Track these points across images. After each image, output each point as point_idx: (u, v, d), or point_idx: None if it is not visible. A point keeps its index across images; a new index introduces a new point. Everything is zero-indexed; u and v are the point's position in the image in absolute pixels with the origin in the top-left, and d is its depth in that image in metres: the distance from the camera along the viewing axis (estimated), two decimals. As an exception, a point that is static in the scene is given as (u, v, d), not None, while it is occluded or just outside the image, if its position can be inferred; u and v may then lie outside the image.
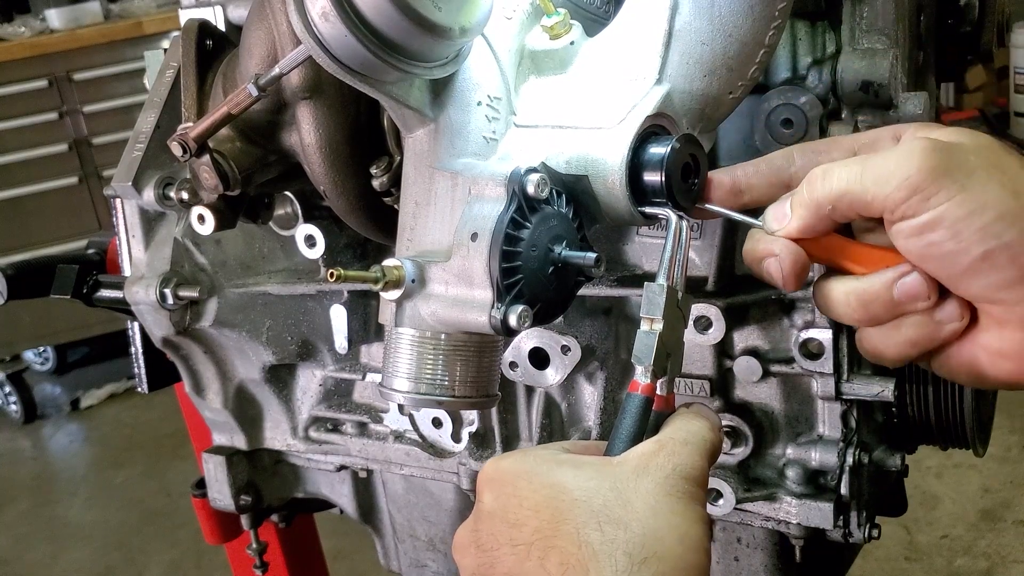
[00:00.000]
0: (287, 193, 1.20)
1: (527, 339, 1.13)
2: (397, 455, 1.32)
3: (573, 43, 0.89)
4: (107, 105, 4.30)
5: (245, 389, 1.38)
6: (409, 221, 0.85)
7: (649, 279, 0.77)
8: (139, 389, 1.44)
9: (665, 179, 0.78)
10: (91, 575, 3.48)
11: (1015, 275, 0.67)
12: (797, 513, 1.08)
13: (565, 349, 1.12)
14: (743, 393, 1.12)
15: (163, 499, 3.80)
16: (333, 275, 0.76)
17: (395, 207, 0.93)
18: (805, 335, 1.03)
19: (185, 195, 1.08)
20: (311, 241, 1.21)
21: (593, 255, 0.79)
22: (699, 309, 1.04)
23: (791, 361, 1.06)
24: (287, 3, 0.76)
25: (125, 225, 1.27)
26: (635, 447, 0.72)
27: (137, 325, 1.35)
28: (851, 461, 1.06)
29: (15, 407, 4.59)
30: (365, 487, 1.47)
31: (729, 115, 0.90)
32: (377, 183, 0.97)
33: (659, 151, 0.79)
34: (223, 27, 1.13)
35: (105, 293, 1.34)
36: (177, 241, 1.23)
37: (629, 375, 1.12)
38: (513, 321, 0.77)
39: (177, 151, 0.94)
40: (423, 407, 1.06)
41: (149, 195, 1.18)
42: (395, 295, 0.80)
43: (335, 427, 1.37)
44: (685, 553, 0.65)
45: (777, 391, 1.10)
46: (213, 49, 1.07)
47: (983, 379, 0.74)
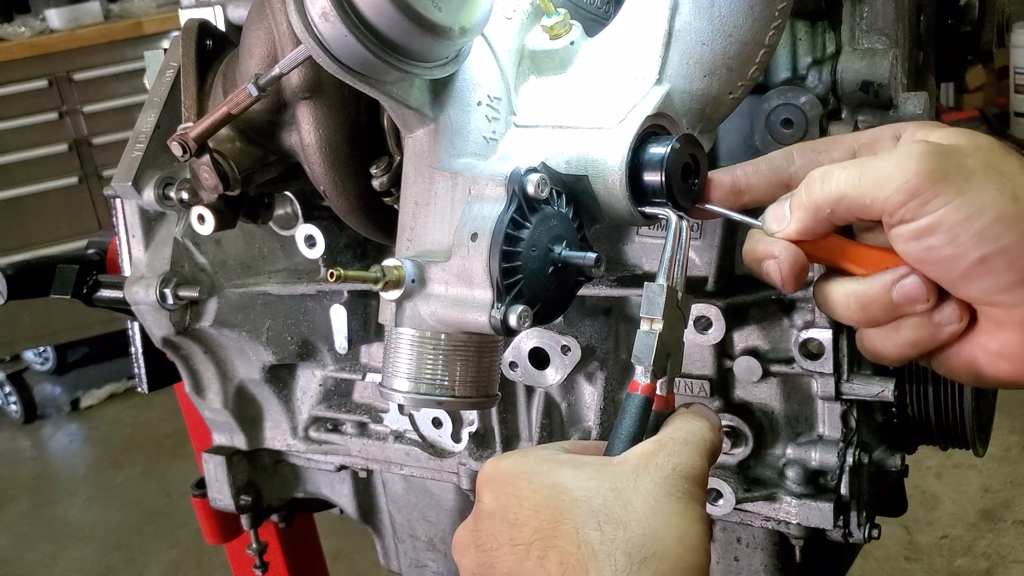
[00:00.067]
0: (287, 193, 1.20)
1: (527, 339, 1.13)
2: (397, 455, 1.32)
3: (573, 43, 0.89)
4: (107, 105, 4.30)
5: (245, 389, 1.38)
6: (409, 221, 0.85)
7: (649, 279, 0.77)
8: (139, 389, 1.44)
9: (665, 179, 0.78)
10: (91, 575, 3.48)
11: (1013, 279, 0.67)
12: (797, 513, 1.08)
13: (565, 349, 1.12)
14: (743, 393, 1.12)
15: (163, 499, 3.80)
16: (333, 275, 0.76)
17: (395, 207, 0.93)
18: (805, 335, 1.03)
19: (185, 195, 1.08)
20: (311, 241, 1.21)
21: (593, 255, 0.79)
22: (699, 309, 1.04)
23: (791, 361, 1.06)
24: (287, 3, 0.76)
25: (125, 225, 1.27)
26: (635, 447, 0.72)
27: (137, 325, 1.35)
28: (851, 461, 1.06)
29: (15, 407, 4.59)
30: (365, 487, 1.47)
31: (729, 115, 0.90)
32: (377, 183, 0.97)
33: (659, 151, 0.79)
34: (223, 27, 1.13)
35: (105, 293, 1.34)
36: (177, 241, 1.23)
37: (629, 375, 1.12)
38: (513, 321, 0.77)
39: (177, 151, 0.94)
40: (423, 407, 1.05)
41: (149, 195, 1.18)
42: (395, 295, 0.80)
43: (335, 427, 1.37)
44: (685, 553, 0.65)
45: (777, 391, 1.10)
46: (213, 49, 1.07)
47: (982, 379, 0.74)
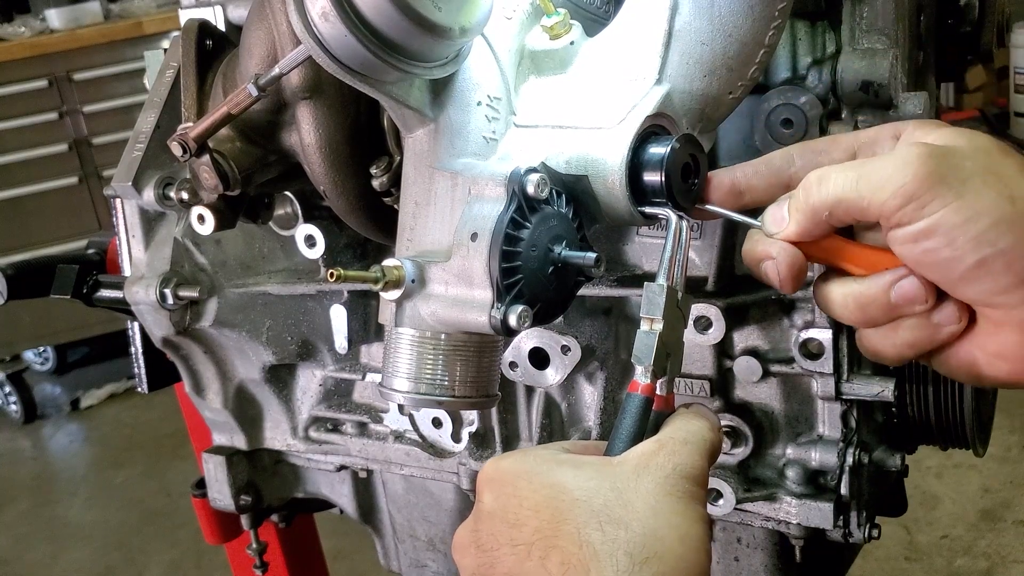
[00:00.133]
0: (287, 193, 1.20)
1: (527, 339, 1.13)
2: (397, 455, 1.32)
3: (573, 43, 0.89)
4: (107, 105, 4.30)
5: (245, 389, 1.38)
6: (409, 221, 0.85)
7: (649, 279, 0.77)
8: (139, 389, 1.44)
9: (665, 179, 0.78)
10: (91, 575, 3.48)
11: (1011, 281, 0.67)
12: (797, 513, 1.08)
13: (565, 349, 1.12)
14: (743, 393, 1.12)
15: (163, 499, 3.80)
16: (333, 275, 0.76)
17: (395, 207, 0.93)
18: (805, 335, 1.03)
19: (185, 195, 1.08)
20: (311, 241, 1.21)
21: (593, 255, 0.79)
22: (699, 309, 1.04)
23: (791, 361, 1.05)
24: (287, 3, 0.76)
25: (125, 225, 1.27)
26: (635, 447, 0.72)
27: (137, 325, 1.35)
28: (851, 461, 1.06)
29: (15, 407, 4.59)
30: (365, 487, 1.47)
31: (729, 115, 0.90)
32: (377, 183, 0.97)
33: (659, 151, 0.79)
34: (223, 27, 1.13)
35: (105, 293, 1.34)
36: (177, 241, 1.23)
37: (629, 375, 1.12)
38: (513, 321, 0.77)
39: (177, 151, 0.94)
40: (423, 407, 1.05)
41: (149, 195, 1.18)
42: (395, 295, 0.80)
43: (335, 427, 1.37)
44: (686, 553, 0.65)
45: (777, 391, 1.10)
46: (213, 49, 1.07)
47: (981, 379, 0.74)
